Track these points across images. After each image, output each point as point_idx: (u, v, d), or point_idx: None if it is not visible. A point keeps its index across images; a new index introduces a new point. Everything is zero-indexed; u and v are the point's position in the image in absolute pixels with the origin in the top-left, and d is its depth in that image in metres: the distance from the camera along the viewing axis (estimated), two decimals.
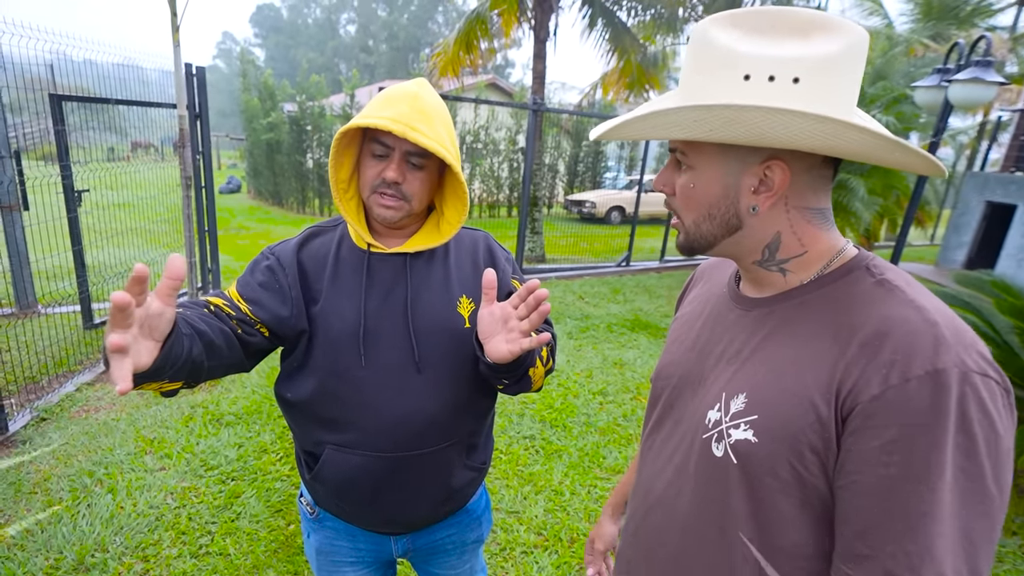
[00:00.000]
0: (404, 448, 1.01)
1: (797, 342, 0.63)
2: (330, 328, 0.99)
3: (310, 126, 14.07)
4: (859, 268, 0.65)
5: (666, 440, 0.78)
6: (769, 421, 0.62)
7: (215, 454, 2.73)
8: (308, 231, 1.07)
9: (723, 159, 0.64)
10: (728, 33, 0.59)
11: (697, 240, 0.70)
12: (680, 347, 0.81)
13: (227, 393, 3.37)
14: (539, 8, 7.46)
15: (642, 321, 5.35)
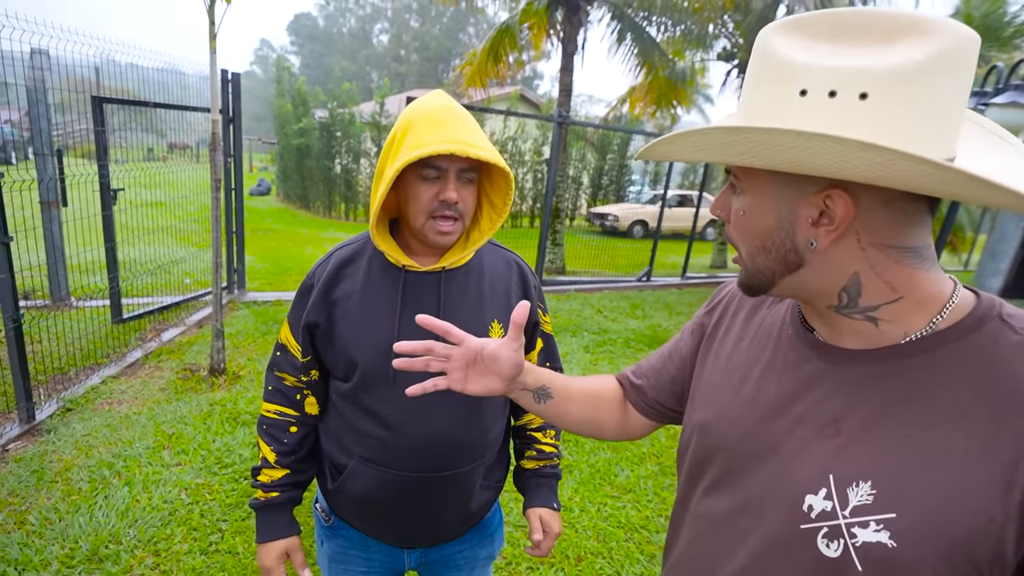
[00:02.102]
0: (428, 469, 1.02)
1: (940, 420, 0.51)
2: (364, 341, 1.00)
3: (339, 132, 14.34)
4: (991, 319, 0.53)
5: (730, 515, 0.65)
6: (915, 523, 0.49)
7: (230, 452, 2.77)
8: (342, 254, 1.06)
9: (775, 185, 0.55)
10: (789, 40, 0.50)
11: (755, 276, 0.60)
12: (734, 399, 0.67)
13: (245, 392, 3.43)
14: (568, 22, 7.52)
15: (661, 337, 5.28)
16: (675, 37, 8.77)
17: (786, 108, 0.50)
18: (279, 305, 5.24)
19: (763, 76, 0.52)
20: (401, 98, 16.46)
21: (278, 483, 1.09)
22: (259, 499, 1.10)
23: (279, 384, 1.10)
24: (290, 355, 1.08)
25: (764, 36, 0.53)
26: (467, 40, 54.14)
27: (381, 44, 58.82)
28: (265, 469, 1.10)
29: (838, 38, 0.49)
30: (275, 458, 1.09)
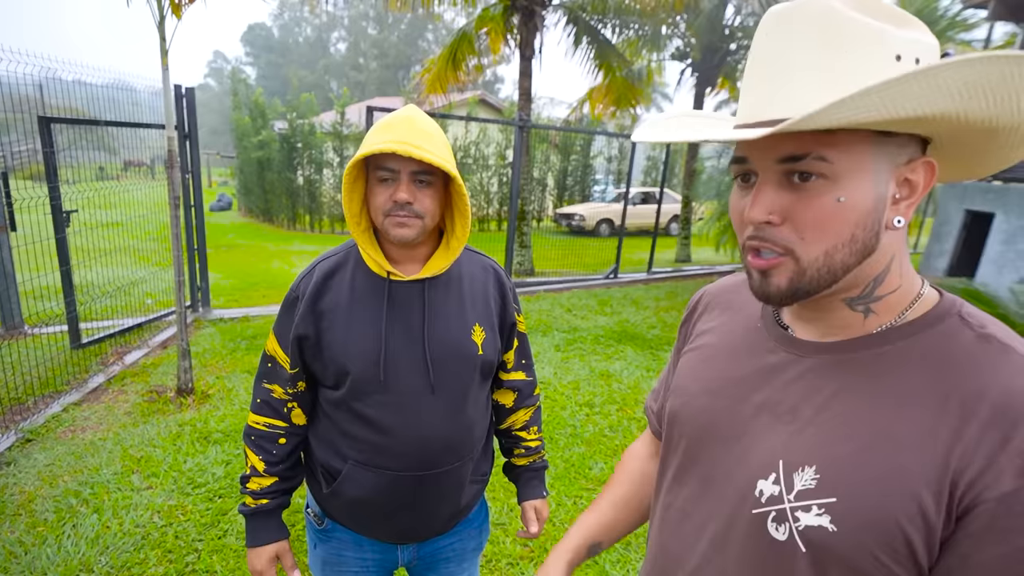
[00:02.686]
0: (421, 468, 1.06)
1: (886, 407, 0.51)
2: (353, 351, 1.04)
3: (300, 144, 14.15)
4: (951, 315, 0.54)
5: (694, 502, 0.66)
6: (853, 508, 0.50)
7: (202, 472, 2.74)
8: (326, 266, 1.09)
9: (875, 157, 0.50)
10: (860, 14, 0.49)
11: (820, 278, 0.53)
12: (701, 388, 0.69)
13: (215, 411, 3.37)
14: (524, 27, 7.62)
15: (629, 332, 5.40)
16: (630, 39, 8.97)
17: (882, 72, 0.47)
18: (246, 321, 5.16)
19: (850, 42, 0.48)
20: (361, 107, 16.35)
21: (268, 490, 1.12)
22: (249, 506, 1.13)
23: (267, 396, 1.12)
24: (279, 367, 1.11)
25: (832, 5, 0.49)
26: (426, 47, 53.98)
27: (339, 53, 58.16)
28: (254, 477, 1.12)
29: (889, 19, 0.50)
30: (264, 467, 1.12)
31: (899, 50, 0.48)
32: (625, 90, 8.66)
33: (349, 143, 14.51)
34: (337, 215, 15.04)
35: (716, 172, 7.16)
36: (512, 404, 1.28)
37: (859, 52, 0.48)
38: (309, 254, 10.38)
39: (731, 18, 9.19)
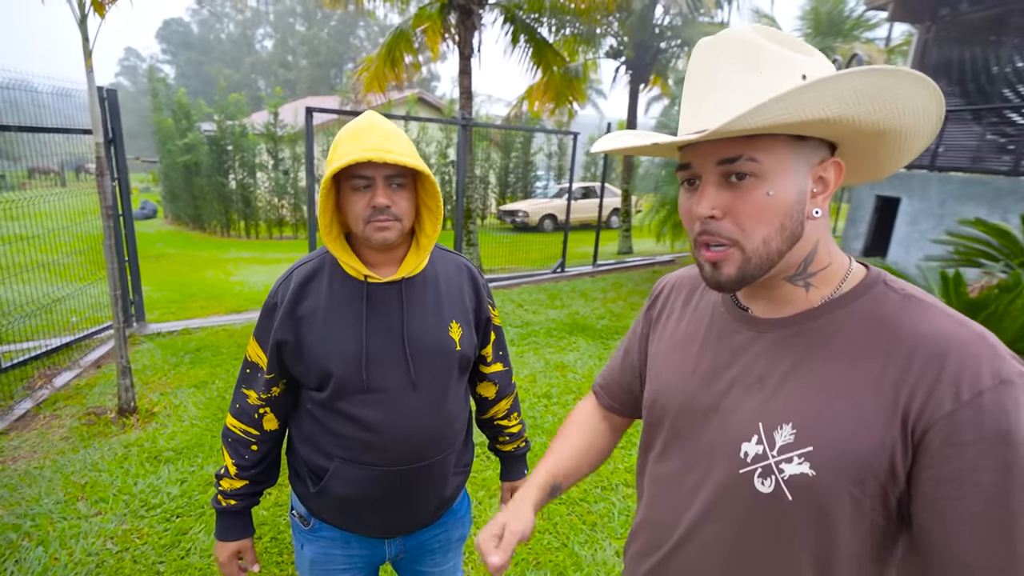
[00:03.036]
0: (407, 462, 1.10)
1: (841, 365, 0.60)
2: (334, 353, 1.06)
3: (231, 146, 13.53)
4: (877, 284, 0.63)
5: (681, 473, 0.73)
6: (828, 452, 0.58)
7: (156, 492, 2.63)
8: (302, 272, 1.11)
9: (794, 158, 0.60)
10: (771, 42, 0.60)
11: (762, 263, 0.62)
12: (676, 371, 0.76)
13: (163, 429, 3.23)
14: (462, 25, 7.63)
15: (580, 324, 5.56)
16: (567, 37, 9.15)
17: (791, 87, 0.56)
18: (187, 334, 4.93)
19: (764, 63, 0.59)
20: (296, 106, 15.78)
21: (237, 492, 1.15)
22: (220, 503, 1.16)
23: (244, 402, 1.15)
24: (259, 370, 1.12)
25: (746, 37, 0.60)
26: (358, 44, 52.70)
27: (265, 50, 55.76)
28: (226, 478, 1.16)
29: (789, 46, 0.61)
30: (236, 471, 1.15)
31: (804, 71, 0.59)
32: (564, 87, 8.84)
33: (284, 144, 14.00)
34: (274, 220, 14.50)
35: (653, 166, 7.45)
36: (494, 396, 1.34)
37: (773, 73, 0.58)
38: (247, 262, 9.98)
39: (660, 17, 9.56)
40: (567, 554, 2.34)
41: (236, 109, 13.65)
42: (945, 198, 6.76)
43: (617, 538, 2.45)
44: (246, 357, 1.15)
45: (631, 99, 10.41)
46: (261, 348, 1.11)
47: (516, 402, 1.40)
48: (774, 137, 0.58)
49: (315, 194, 5.79)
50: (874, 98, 0.54)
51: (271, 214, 14.41)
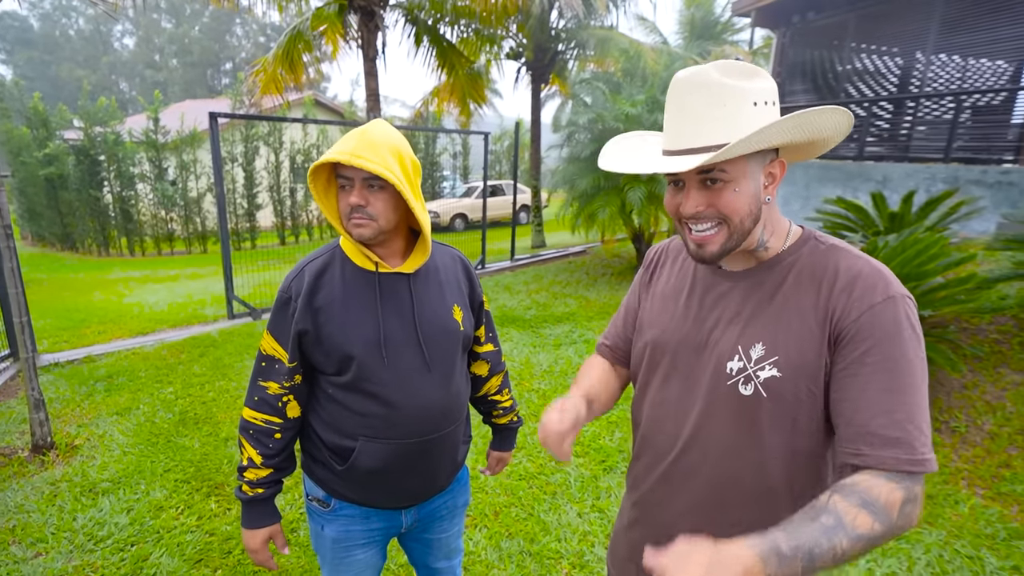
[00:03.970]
0: (424, 434, 1.22)
1: (791, 297, 0.83)
2: (354, 338, 1.15)
3: (103, 156, 12.24)
4: (811, 239, 0.88)
5: (681, 395, 0.92)
6: (789, 358, 0.81)
7: (101, 524, 2.47)
8: (315, 266, 1.20)
9: (748, 164, 0.81)
10: (725, 76, 0.79)
11: (742, 236, 0.84)
12: (671, 318, 0.96)
13: (91, 461, 3.00)
14: (364, 27, 7.54)
15: (510, 316, 5.78)
16: (469, 38, 9.32)
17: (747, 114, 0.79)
18: (92, 362, 4.52)
19: (726, 98, 0.78)
20: (180, 109, 14.55)
21: (264, 480, 1.22)
22: (246, 493, 1.22)
23: (263, 394, 1.20)
24: (277, 363, 1.19)
25: (708, 76, 0.79)
26: (236, 43, 49.21)
27: (127, 48, 50.36)
28: (251, 468, 1.21)
29: (740, 75, 0.80)
30: (261, 460, 1.21)
31: (755, 98, 0.79)
32: (470, 88, 9.01)
33: (168, 152, 12.90)
34: (162, 235, 13.31)
35: (561, 162, 7.83)
36: (487, 373, 1.48)
37: (731, 104, 0.79)
38: (138, 281, 9.15)
39: (556, 21, 10.02)
40: (535, 522, 2.54)
41: (106, 114, 12.36)
42: (809, 181, 7.77)
43: (576, 502, 2.69)
44: (260, 351, 1.21)
45: (534, 99, 10.80)
46: (278, 341, 1.18)
47: (507, 379, 1.54)
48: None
49: (224, 202, 5.49)
50: (807, 126, 0.80)
51: (158, 228, 13.22)
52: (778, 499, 0.86)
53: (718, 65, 0.81)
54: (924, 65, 8.24)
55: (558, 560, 2.30)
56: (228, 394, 3.89)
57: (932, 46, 7.84)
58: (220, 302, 6.54)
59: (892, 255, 3.24)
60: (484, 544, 2.39)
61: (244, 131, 13.22)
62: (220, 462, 3.00)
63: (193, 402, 3.76)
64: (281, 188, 14.19)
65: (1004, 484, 2.67)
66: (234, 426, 3.40)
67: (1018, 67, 7.60)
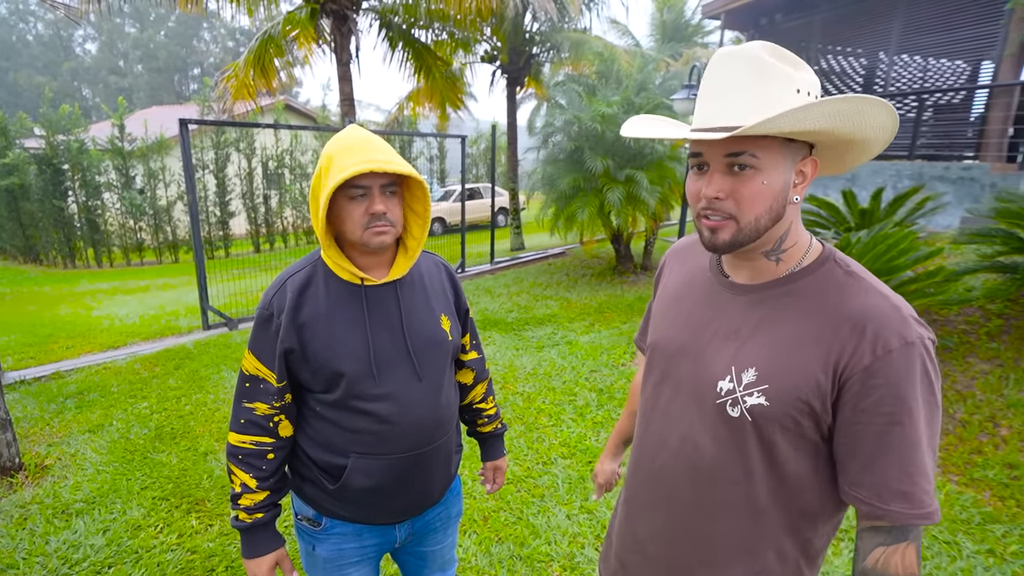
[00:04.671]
0: (419, 447, 1.18)
1: (794, 325, 0.77)
2: (342, 355, 1.11)
3: (68, 165, 11.86)
4: (830, 261, 0.80)
5: (670, 402, 0.91)
6: (778, 389, 0.77)
7: (76, 547, 2.38)
8: (297, 280, 1.15)
9: (783, 156, 0.75)
10: (776, 59, 0.74)
11: (752, 234, 0.77)
12: (671, 323, 0.94)
13: (63, 481, 2.89)
14: (337, 31, 7.46)
15: (491, 319, 5.77)
16: (444, 41, 9.30)
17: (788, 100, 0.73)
18: (60, 378, 4.37)
19: (771, 78, 0.73)
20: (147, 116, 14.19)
21: (261, 505, 1.16)
22: (244, 521, 1.15)
23: (250, 415, 1.15)
24: (263, 383, 1.13)
25: (755, 54, 0.74)
26: (204, 48, 48.24)
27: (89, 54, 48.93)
28: (246, 494, 1.15)
29: (787, 62, 0.75)
30: (256, 484, 1.15)
31: (798, 85, 0.74)
32: (448, 91, 8.98)
33: (135, 161, 12.57)
34: (132, 245, 12.95)
35: (539, 164, 7.85)
36: (472, 381, 1.46)
37: (775, 85, 0.73)
38: (107, 293, 8.89)
39: (530, 24, 10.06)
40: (524, 525, 2.53)
41: (69, 122, 11.99)
42: None
43: (565, 504, 2.69)
44: (243, 372, 1.16)
45: (509, 102, 10.82)
46: (261, 361, 1.13)
47: (491, 386, 1.52)
48: (771, 138, 0.73)
49: (197, 211, 5.37)
50: (851, 116, 0.72)
51: (127, 238, 12.87)
52: (758, 522, 0.84)
53: (766, 46, 0.75)
54: (887, 65, 8.50)
55: (548, 563, 2.30)
56: (206, 407, 3.79)
57: (895, 47, 8.11)
58: (194, 313, 6.39)
59: (864, 251, 3.33)
60: (474, 550, 2.38)
61: (215, 137, 12.95)
62: (200, 477, 2.93)
63: (169, 416, 3.66)
64: (255, 195, 13.94)
65: (976, 470, 2.76)
66: (213, 439, 3.32)
67: (975, 67, 7.91)
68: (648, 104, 6.50)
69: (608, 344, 4.85)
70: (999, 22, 6.61)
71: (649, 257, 7.59)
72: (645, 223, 6.82)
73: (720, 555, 0.87)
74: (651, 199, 6.18)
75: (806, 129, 0.72)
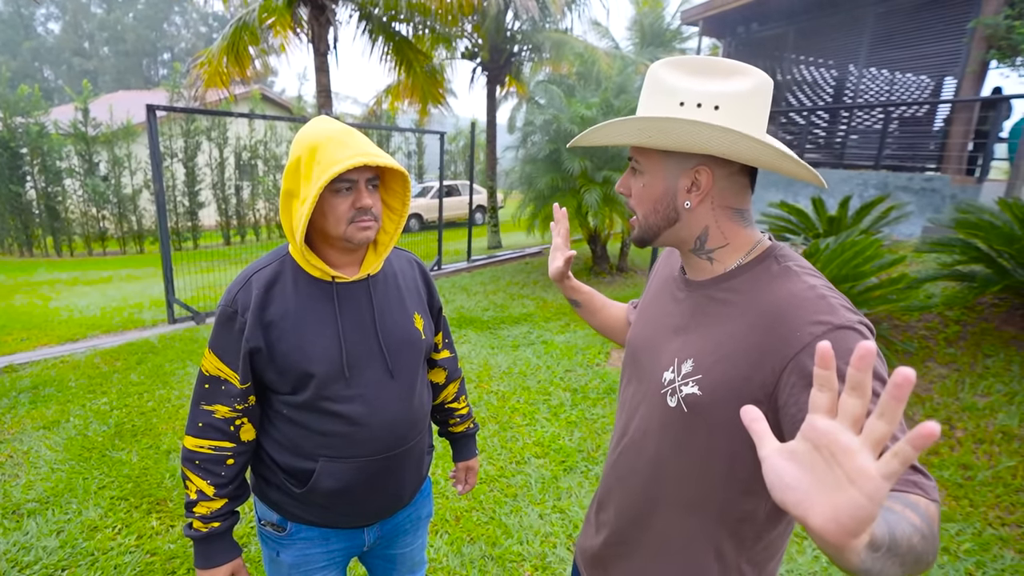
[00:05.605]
0: (390, 448, 1.15)
1: (728, 318, 0.80)
2: (312, 355, 1.07)
3: (26, 149, 11.37)
4: (769, 258, 0.81)
5: (634, 395, 0.95)
6: (710, 380, 0.78)
7: (27, 549, 2.28)
8: (263, 276, 1.10)
9: (664, 164, 0.81)
10: (671, 72, 0.78)
11: (647, 231, 0.86)
12: (645, 321, 0.98)
13: (15, 480, 2.77)
14: (315, 21, 7.32)
15: (467, 317, 5.75)
16: (425, 36, 9.21)
17: (669, 112, 0.77)
18: (13, 371, 4.18)
19: (651, 93, 0.80)
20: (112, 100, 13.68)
21: (219, 513, 1.11)
22: (200, 530, 1.09)
23: (209, 418, 1.09)
24: (225, 384, 1.08)
25: (654, 70, 0.80)
26: (175, 32, 46.80)
27: (51, 34, 46.96)
28: (203, 502, 1.09)
29: (697, 73, 0.77)
30: (214, 491, 1.10)
31: (682, 98, 0.77)
32: (428, 86, 8.90)
33: (98, 146, 12.11)
34: (94, 234, 12.48)
35: (517, 163, 7.86)
36: (444, 380, 1.44)
37: (658, 98, 0.79)
38: (67, 284, 8.55)
39: (512, 23, 10.04)
40: (496, 525, 2.53)
41: (29, 104, 11.49)
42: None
43: (538, 503, 2.69)
44: (202, 372, 1.10)
45: (489, 100, 10.78)
46: (223, 361, 1.08)
47: (463, 385, 1.50)
48: (649, 149, 0.83)
49: (164, 200, 5.20)
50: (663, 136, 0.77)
51: (89, 227, 12.39)
52: (695, 517, 0.85)
53: (670, 61, 0.80)
54: (857, 77, 8.76)
55: (520, 563, 2.29)
56: (169, 403, 3.68)
57: (864, 60, 8.35)
58: (159, 305, 6.19)
59: (832, 256, 3.41)
60: (445, 550, 2.36)
61: (185, 125, 12.58)
62: (162, 476, 2.83)
63: (130, 413, 3.53)
64: (226, 185, 13.58)
65: (932, 471, 2.86)
66: (176, 437, 3.22)
67: (939, 82, 8.20)
68: (627, 107, 6.55)
69: (583, 344, 4.88)
70: (961, 40, 6.86)
71: (625, 259, 7.65)
72: (622, 225, 6.89)
73: (658, 547, 0.89)
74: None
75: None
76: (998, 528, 2.45)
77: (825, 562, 2.27)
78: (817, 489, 0.45)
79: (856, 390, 0.43)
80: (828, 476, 0.44)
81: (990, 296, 4.04)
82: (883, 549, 0.49)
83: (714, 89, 0.76)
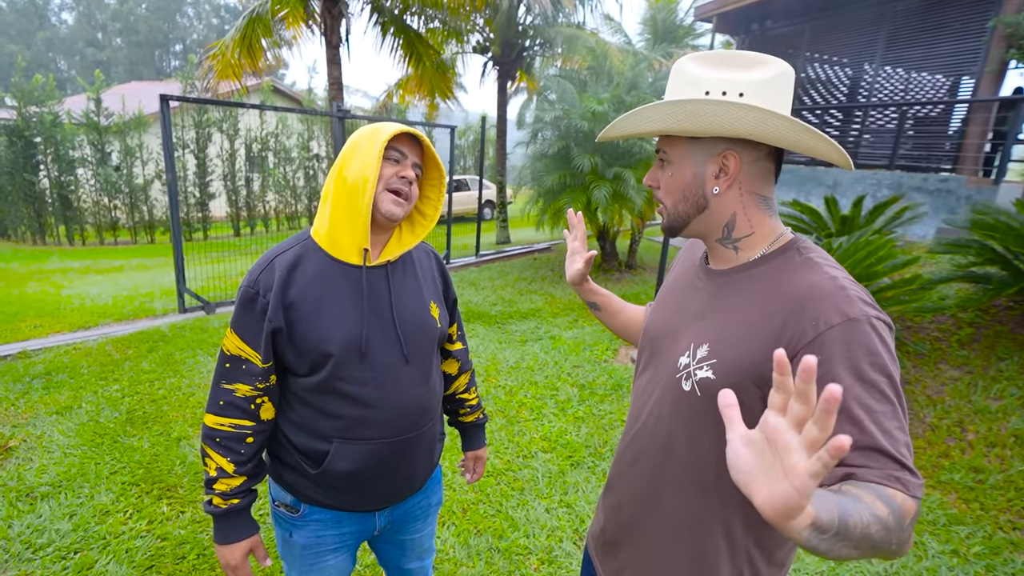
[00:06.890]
0: (403, 432, 1.17)
1: (747, 306, 0.81)
2: (331, 337, 1.09)
3: (40, 138, 11.46)
4: (792, 249, 0.82)
5: (649, 380, 0.96)
6: (724, 364, 0.80)
7: (41, 532, 2.31)
8: (286, 259, 1.13)
9: (692, 151, 0.83)
10: (696, 66, 0.81)
11: (676, 219, 0.88)
12: (662, 309, 1.00)
13: (28, 463, 2.80)
14: (328, 14, 7.32)
15: (475, 312, 5.75)
16: (436, 29, 9.19)
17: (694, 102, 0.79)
18: (26, 358, 4.23)
19: (677, 85, 0.83)
20: (125, 90, 13.77)
21: (238, 490, 1.13)
22: (219, 507, 1.12)
23: (230, 397, 1.12)
24: (246, 363, 1.10)
25: (679, 64, 0.84)
26: (187, 23, 47.00)
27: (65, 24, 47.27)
28: (222, 479, 1.12)
29: (720, 65, 0.80)
30: (234, 468, 1.12)
31: (707, 87, 0.80)
32: (438, 80, 8.89)
33: (111, 136, 12.20)
34: (106, 223, 12.59)
35: (527, 158, 7.83)
36: (456, 371, 1.45)
37: (684, 89, 0.83)
38: (79, 272, 8.63)
39: (523, 17, 10.00)
40: (503, 518, 2.53)
41: (43, 93, 11.57)
42: None
43: (544, 497, 2.69)
44: (223, 352, 1.12)
45: (500, 94, 10.75)
46: (245, 341, 1.10)
47: (473, 377, 1.52)
48: (676, 137, 0.85)
49: (176, 190, 5.23)
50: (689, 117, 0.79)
51: (101, 216, 12.50)
52: (704, 501, 0.85)
53: (694, 55, 0.83)
54: (872, 76, 8.65)
55: (526, 556, 2.30)
56: (180, 391, 3.71)
57: (879, 58, 8.25)
58: (170, 295, 6.24)
59: (845, 256, 3.38)
60: (452, 542, 2.37)
61: (196, 116, 12.63)
62: (172, 463, 2.86)
63: (141, 400, 3.57)
64: (236, 177, 13.65)
65: (943, 473, 2.84)
66: (187, 424, 3.25)
67: (955, 82, 8.09)
68: (638, 103, 6.51)
69: (591, 340, 4.87)
70: (981, 39, 6.76)
71: (634, 255, 7.62)
72: (632, 221, 6.85)
73: (667, 530, 0.90)
74: (638, 198, 6.20)
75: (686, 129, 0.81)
76: (1009, 532, 2.43)
77: (832, 562, 2.26)
78: (763, 476, 0.52)
79: (801, 397, 0.50)
80: (773, 466, 0.52)
81: (1005, 299, 3.99)
82: (831, 533, 0.55)
83: (738, 78, 0.79)
